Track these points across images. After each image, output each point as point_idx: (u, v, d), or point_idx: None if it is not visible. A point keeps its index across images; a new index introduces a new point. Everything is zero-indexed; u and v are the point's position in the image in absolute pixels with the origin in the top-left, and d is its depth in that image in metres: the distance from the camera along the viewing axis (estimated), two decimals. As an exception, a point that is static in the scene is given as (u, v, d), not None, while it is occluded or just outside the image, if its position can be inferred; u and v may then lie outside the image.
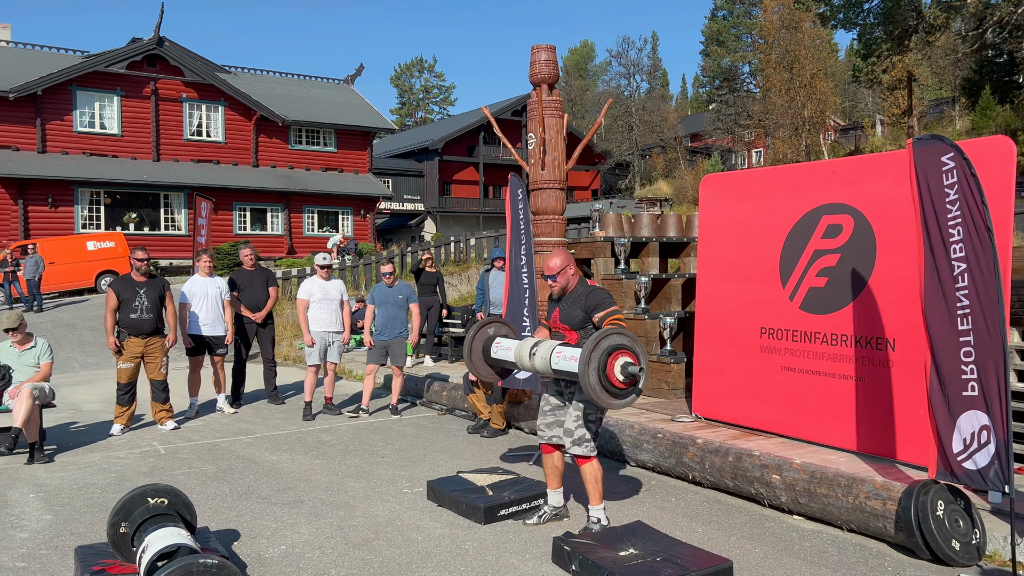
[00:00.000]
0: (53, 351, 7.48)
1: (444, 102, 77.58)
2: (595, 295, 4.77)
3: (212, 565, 3.23)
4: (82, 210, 27.18)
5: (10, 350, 7.08)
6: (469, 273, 24.06)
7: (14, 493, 5.83)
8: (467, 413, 8.52)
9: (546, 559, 4.43)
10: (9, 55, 28.35)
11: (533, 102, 9.03)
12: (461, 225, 43.76)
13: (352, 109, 33.74)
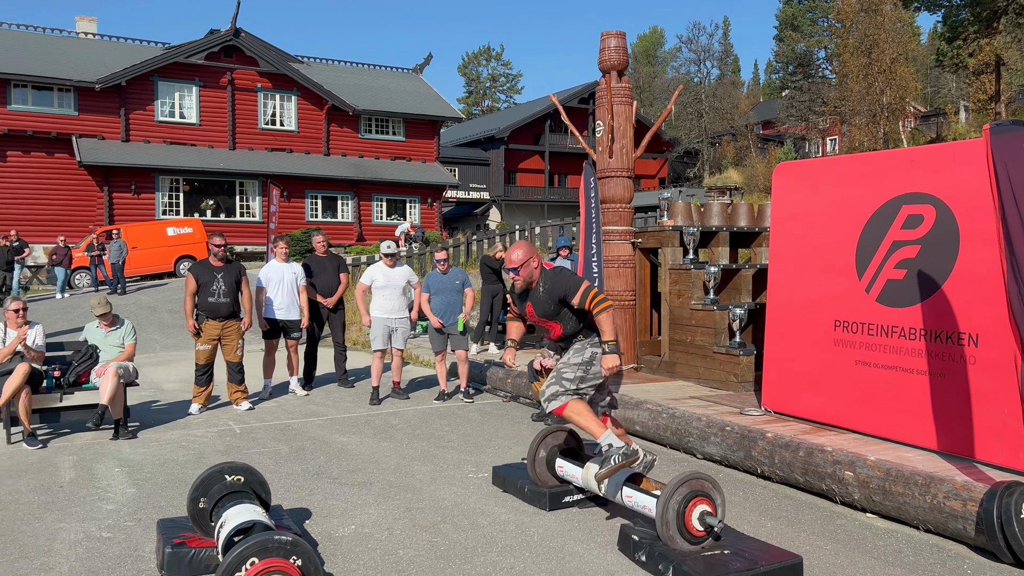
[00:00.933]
0: (137, 332, 7.80)
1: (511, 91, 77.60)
2: (560, 281, 4.65)
3: (287, 542, 3.34)
4: (162, 197, 28.21)
5: (97, 331, 7.41)
6: (534, 262, 24.02)
7: (100, 467, 6.12)
8: (531, 401, 8.55)
9: (611, 547, 4.42)
10: (96, 47, 29.54)
11: (602, 89, 8.96)
12: (526, 214, 43.80)
13: (420, 98, 34.06)
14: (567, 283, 4.59)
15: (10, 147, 26.33)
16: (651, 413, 6.83)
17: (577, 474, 4.89)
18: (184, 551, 4.03)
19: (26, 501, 5.26)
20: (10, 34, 28.43)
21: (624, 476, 4.54)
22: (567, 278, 4.61)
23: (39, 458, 6.37)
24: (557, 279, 4.63)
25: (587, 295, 4.55)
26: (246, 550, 3.26)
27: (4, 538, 4.58)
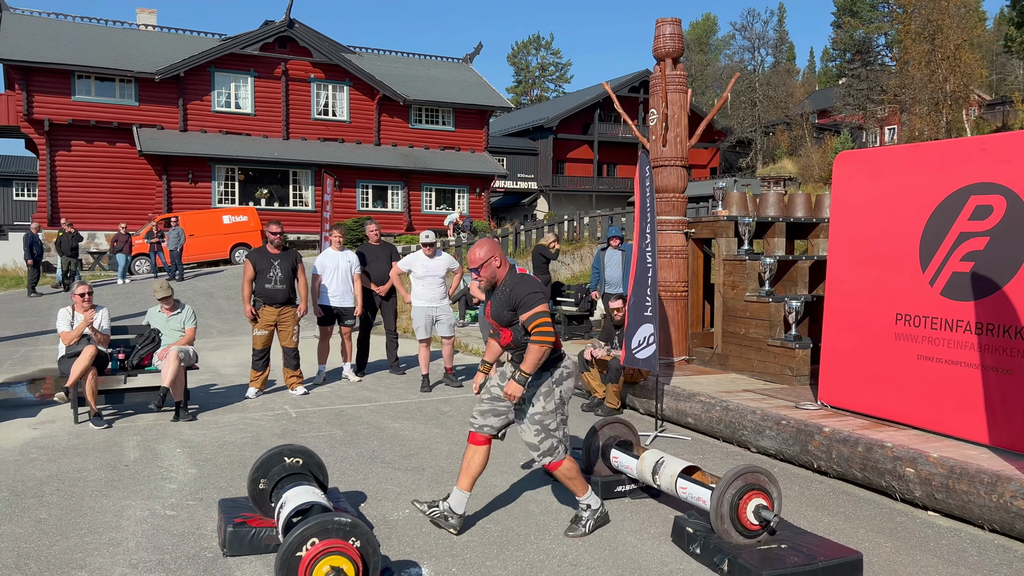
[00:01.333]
0: (197, 317, 8.00)
1: (560, 79, 77.22)
2: (519, 289, 4.22)
3: (346, 523, 3.40)
4: (218, 185, 28.82)
5: (159, 315, 7.62)
6: (582, 252, 23.99)
7: (163, 447, 6.31)
8: (581, 391, 8.53)
9: (664, 538, 4.40)
10: (155, 39, 30.25)
11: (656, 77, 8.86)
12: (574, 204, 43.62)
13: (470, 88, 34.12)
14: (525, 295, 4.18)
15: (74, 137, 27.17)
16: (704, 405, 6.76)
17: (632, 465, 4.87)
18: (245, 530, 4.14)
19: (93, 479, 5.44)
20: (75, 27, 29.27)
21: (679, 467, 4.51)
22: (528, 290, 4.20)
23: (104, 438, 6.59)
24: (519, 286, 4.24)
25: (534, 319, 4.13)
26: (307, 530, 3.32)
27: (74, 513, 4.75)
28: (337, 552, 3.31)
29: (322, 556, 3.29)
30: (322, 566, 3.28)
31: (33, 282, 18.50)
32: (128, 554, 4.15)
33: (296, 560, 3.29)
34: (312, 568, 3.27)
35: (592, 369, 7.76)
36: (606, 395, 7.58)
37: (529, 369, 4.17)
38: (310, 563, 3.27)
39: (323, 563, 3.28)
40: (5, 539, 4.33)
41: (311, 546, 3.31)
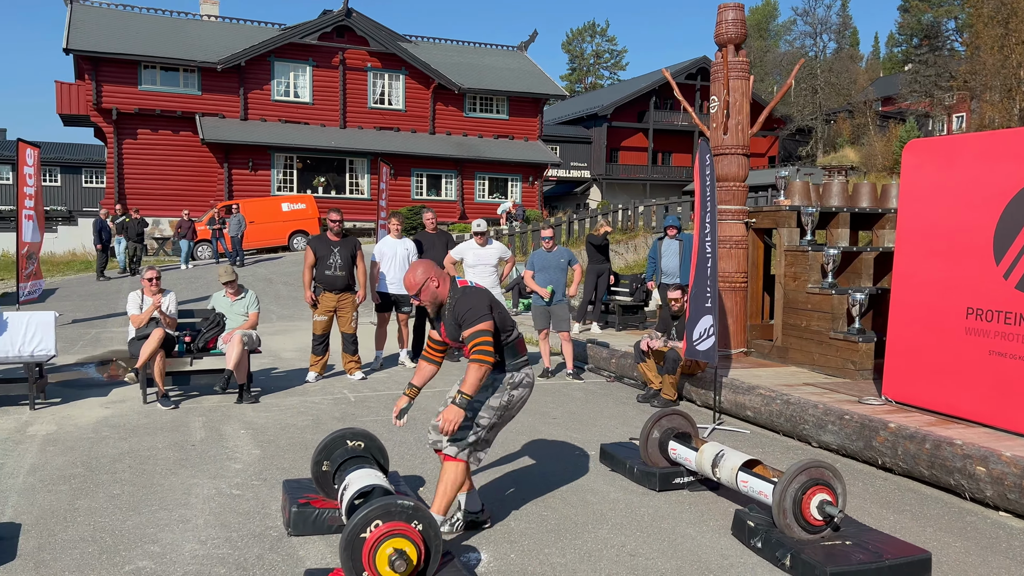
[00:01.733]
0: (260, 302, 8.19)
1: (615, 67, 76.44)
2: (460, 305, 3.99)
3: (409, 506, 3.45)
4: (277, 174, 29.37)
5: (224, 300, 7.82)
6: (636, 242, 23.80)
7: (227, 428, 6.48)
8: (636, 382, 8.49)
9: (724, 532, 4.36)
10: (217, 29, 30.90)
11: (718, 64, 8.71)
12: (627, 193, 43.24)
13: (524, 76, 34.04)
14: (464, 311, 3.96)
15: (140, 125, 27.96)
16: (763, 399, 6.66)
17: (691, 457, 4.83)
18: (309, 511, 4.23)
19: (163, 457, 5.63)
20: (141, 18, 30.07)
21: (740, 460, 4.46)
22: (467, 305, 3.96)
23: (172, 418, 6.80)
24: (459, 302, 4.01)
25: (473, 337, 3.89)
26: (371, 512, 3.38)
27: (145, 490, 4.92)
28: (400, 535, 3.37)
29: (386, 538, 3.34)
30: (386, 548, 3.34)
31: (102, 266, 19.14)
32: (197, 531, 4.28)
33: (360, 541, 3.35)
34: (376, 550, 3.33)
35: (648, 360, 7.70)
36: (662, 386, 7.52)
37: (470, 391, 3.89)
38: (374, 544, 3.33)
39: (387, 544, 3.34)
40: (82, 513, 4.51)
41: (375, 528, 3.36)
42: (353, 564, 3.34)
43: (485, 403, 4.07)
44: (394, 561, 3.31)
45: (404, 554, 3.34)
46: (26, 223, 12.35)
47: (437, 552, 3.50)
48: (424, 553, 3.42)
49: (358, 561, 3.34)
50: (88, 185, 45.66)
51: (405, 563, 3.32)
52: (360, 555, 3.34)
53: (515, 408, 4.20)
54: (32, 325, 7.41)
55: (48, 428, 6.41)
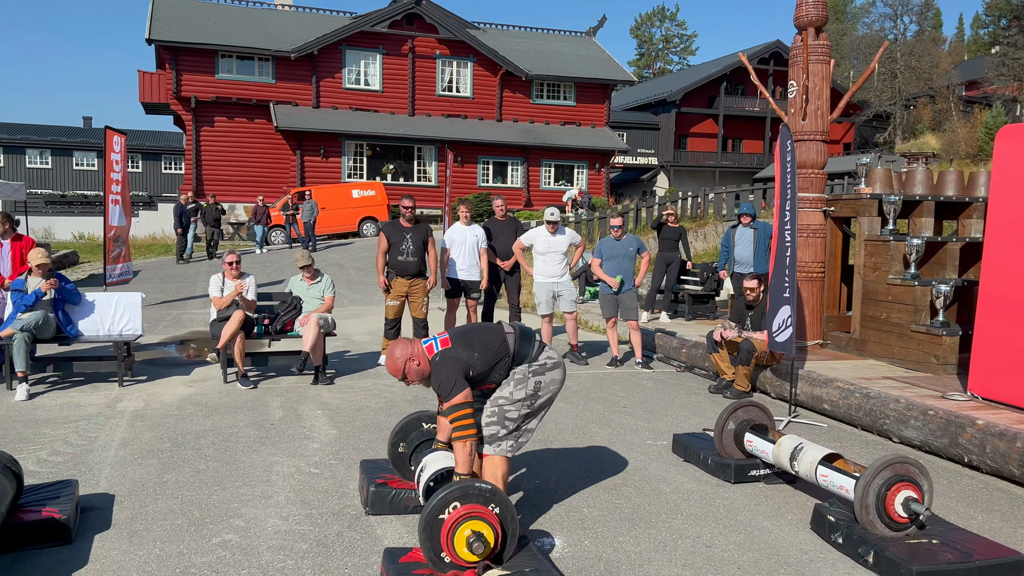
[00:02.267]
0: (335, 286, 8.37)
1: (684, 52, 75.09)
2: (434, 377, 3.86)
3: (487, 489, 3.49)
4: (348, 160, 29.87)
5: (301, 283, 8.01)
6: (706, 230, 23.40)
7: (304, 408, 6.66)
8: (707, 372, 8.38)
9: (803, 526, 4.28)
10: (290, 18, 31.51)
11: (797, 47, 8.48)
12: (695, 180, 42.53)
13: (592, 62, 33.74)
14: (438, 384, 3.83)
15: (217, 113, 28.77)
16: (842, 392, 6.49)
17: (767, 450, 4.75)
18: (386, 491, 4.32)
19: (244, 435, 5.82)
20: (219, 8, 30.88)
21: (820, 454, 4.36)
22: (438, 378, 3.82)
23: (251, 397, 7.02)
24: (434, 372, 3.87)
25: (450, 412, 3.77)
26: (449, 494, 3.43)
27: (229, 466, 5.10)
28: (477, 517, 3.41)
29: (464, 520, 3.39)
30: (464, 529, 3.38)
31: (181, 250, 19.83)
32: (279, 507, 4.42)
33: (439, 522, 3.40)
34: (454, 531, 3.38)
35: (721, 350, 7.59)
36: (735, 377, 7.40)
37: (464, 470, 3.77)
38: (452, 526, 3.38)
39: (465, 526, 3.38)
40: (170, 486, 4.70)
41: (453, 509, 3.41)
42: (432, 544, 3.40)
43: (508, 398, 3.92)
44: (472, 543, 3.36)
45: (482, 536, 3.38)
46: (113, 208, 12.86)
47: (514, 536, 3.53)
48: (501, 536, 3.46)
49: (436, 542, 3.40)
50: (167, 171, 47.29)
51: (483, 545, 3.36)
52: (439, 536, 3.39)
53: (547, 391, 4.00)
54: (120, 306, 7.74)
55: (136, 404, 6.69)
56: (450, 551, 3.39)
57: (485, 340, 3.95)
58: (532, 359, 4.00)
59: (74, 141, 45.37)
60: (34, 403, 6.66)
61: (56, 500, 4.03)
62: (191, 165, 28.53)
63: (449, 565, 3.41)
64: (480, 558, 3.39)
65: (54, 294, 7.39)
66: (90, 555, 3.76)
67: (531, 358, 4.00)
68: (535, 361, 4.00)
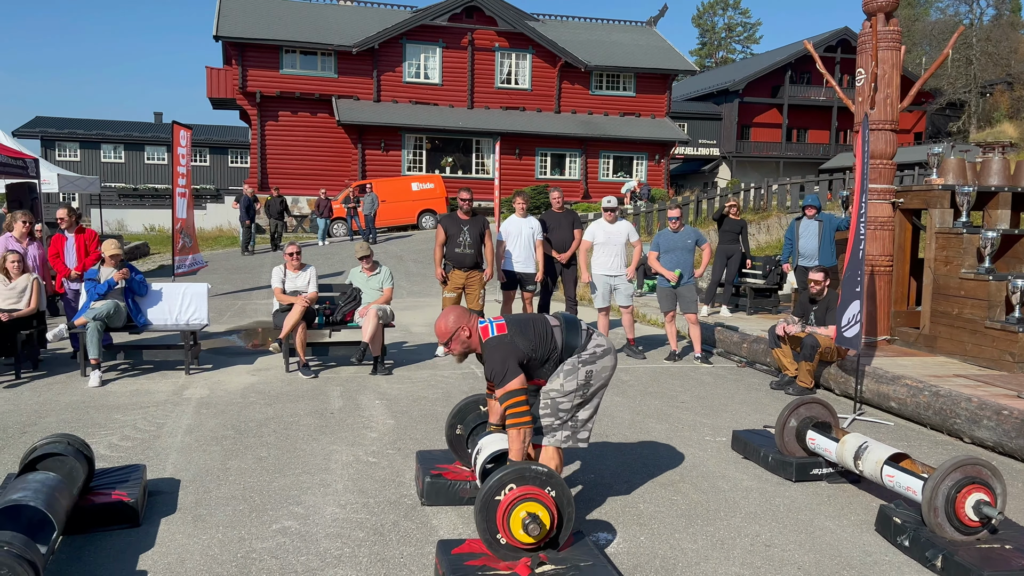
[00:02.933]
0: (394, 278, 8.46)
1: (748, 40, 73.51)
2: (488, 361, 3.81)
3: (542, 472, 3.47)
4: (408, 154, 30.16)
5: (360, 275, 8.12)
6: (769, 222, 22.95)
7: (363, 398, 6.75)
8: (769, 368, 8.20)
9: (867, 527, 4.15)
10: (352, 14, 31.92)
11: (865, 34, 8.21)
12: (759, 171, 41.67)
13: (652, 52, 33.31)
14: (492, 369, 3.79)
15: (281, 108, 29.36)
16: (910, 390, 6.28)
17: (831, 448, 4.62)
18: (442, 482, 4.34)
19: (305, 423, 5.93)
20: (283, 4, 31.48)
21: (886, 453, 4.22)
22: (493, 363, 3.78)
23: (312, 386, 7.15)
24: (487, 357, 3.83)
25: (505, 399, 3.72)
26: (506, 476, 3.42)
27: (289, 454, 5.20)
28: (533, 499, 3.39)
29: (520, 502, 3.38)
30: (519, 511, 3.38)
31: (246, 241, 20.33)
32: (337, 495, 4.49)
33: (495, 504, 3.40)
34: (510, 512, 3.38)
35: (784, 346, 7.42)
36: (798, 373, 7.23)
37: (517, 458, 3.74)
38: (508, 507, 3.38)
39: (520, 508, 3.38)
40: (233, 473, 4.82)
41: (509, 491, 3.40)
42: (487, 525, 3.41)
43: (560, 390, 3.88)
44: (528, 524, 3.35)
45: (537, 518, 3.36)
46: (180, 200, 13.25)
47: (570, 520, 3.51)
48: (557, 519, 3.44)
49: (492, 523, 3.40)
50: (234, 165, 48.53)
51: (538, 527, 3.35)
52: (495, 517, 3.40)
53: (599, 379, 3.94)
54: (187, 296, 7.97)
55: (201, 392, 6.89)
56: (506, 532, 3.39)
57: (540, 332, 3.93)
58: (581, 348, 3.95)
59: (145, 136, 46.93)
60: (106, 389, 6.92)
61: (125, 484, 4.18)
62: (256, 159, 29.20)
63: (505, 547, 3.42)
64: (535, 540, 3.38)
65: (124, 284, 7.64)
66: (156, 538, 3.88)
67: (580, 347, 3.96)
68: (584, 350, 3.95)
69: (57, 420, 5.91)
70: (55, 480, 3.64)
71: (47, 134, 44.94)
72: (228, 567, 3.59)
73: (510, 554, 3.43)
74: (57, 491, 3.57)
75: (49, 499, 3.44)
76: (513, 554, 3.43)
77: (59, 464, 3.94)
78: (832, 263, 9.64)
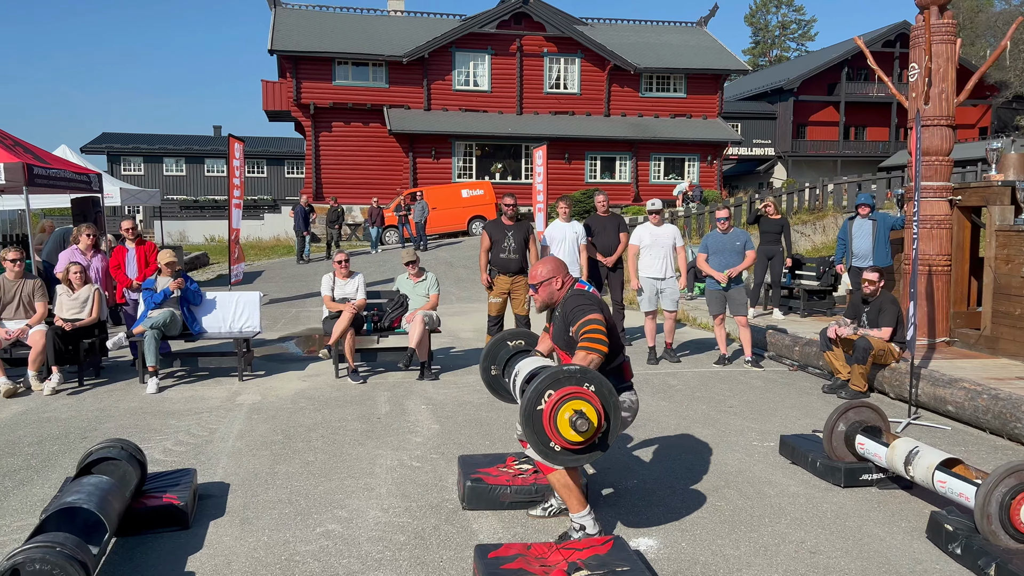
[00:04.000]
0: (440, 285, 8.54)
1: (802, 38, 72.10)
2: (569, 303, 3.82)
3: (576, 370, 3.40)
4: (457, 161, 30.40)
5: (407, 281, 8.22)
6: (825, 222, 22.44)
7: (409, 403, 6.83)
8: (821, 371, 8.02)
9: (918, 534, 4.03)
10: (403, 24, 32.36)
11: (918, 27, 7.99)
12: (815, 170, 40.79)
13: (703, 52, 32.94)
14: (573, 308, 3.78)
15: (334, 119, 29.91)
16: (968, 393, 6.06)
17: (880, 453, 4.50)
18: (482, 487, 4.37)
19: (352, 428, 6.03)
20: (335, 16, 32.10)
21: (937, 459, 4.09)
22: (576, 303, 3.78)
23: (360, 392, 7.26)
24: (569, 300, 3.85)
25: (584, 325, 3.66)
26: (541, 384, 3.37)
27: (335, 458, 5.29)
28: (574, 397, 3.35)
29: (562, 402, 3.34)
30: (564, 412, 3.34)
31: (301, 250, 20.75)
32: (380, 499, 4.55)
33: (538, 414, 3.36)
34: (555, 416, 3.34)
35: (836, 349, 7.24)
36: (851, 377, 7.05)
37: None
38: (552, 412, 3.34)
39: (564, 409, 3.34)
40: (280, 477, 4.93)
41: (548, 398, 3.36)
42: (538, 437, 3.38)
43: None
44: (575, 421, 3.31)
45: (583, 414, 3.32)
46: (235, 211, 13.60)
47: (616, 415, 3.45)
48: (603, 413, 3.40)
49: (541, 433, 3.37)
50: (290, 176, 49.58)
51: (587, 422, 3.31)
52: (541, 426, 3.36)
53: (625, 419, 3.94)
54: (240, 304, 8.17)
55: (254, 398, 7.05)
56: (557, 437, 3.35)
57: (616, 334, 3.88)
58: None
59: (205, 149, 48.29)
60: (163, 396, 7.14)
61: (176, 487, 4.31)
62: (311, 169, 29.78)
63: (562, 453, 3.39)
64: (587, 436, 3.34)
65: (180, 293, 7.88)
66: (204, 540, 3.99)
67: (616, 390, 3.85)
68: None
69: (116, 426, 6.12)
70: (108, 483, 3.78)
71: (113, 149, 46.61)
72: (272, 569, 3.67)
73: (569, 459, 3.41)
74: (110, 494, 3.70)
75: (102, 502, 3.57)
76: (572, 458, 3.41)
77: (113, 468, 4.09)
78: (887, 263, 9.38)
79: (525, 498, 4.38)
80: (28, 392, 7.24)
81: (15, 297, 7.50)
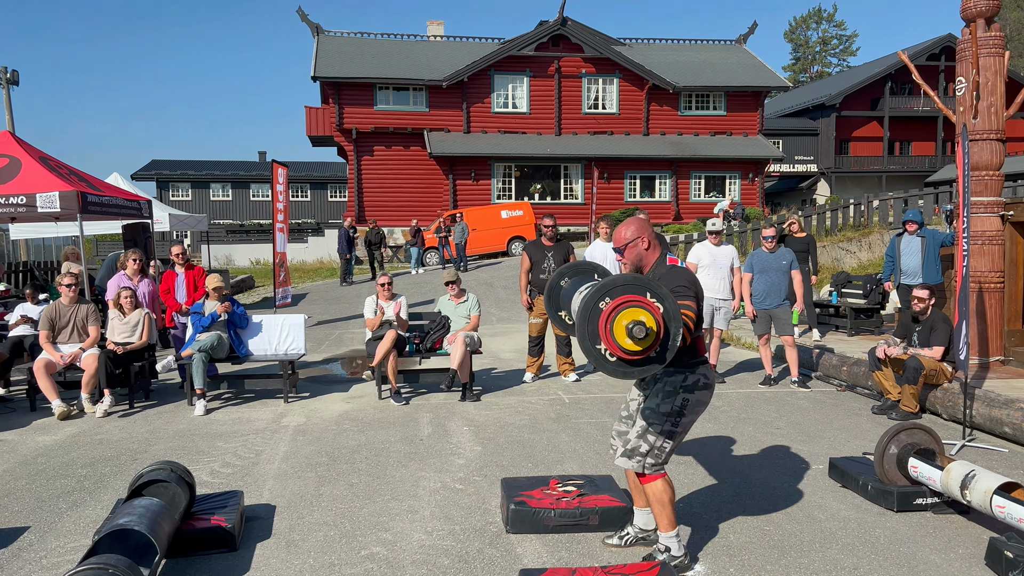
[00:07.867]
0: (480, 305, 8.56)
1: (844, 53, 71.32)
2: (668, 279, 3.64)
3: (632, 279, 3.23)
4: (497, 182, 30.58)
5: (448, 303, 8.26)
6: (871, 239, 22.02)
7: (452, 425, 6.83)
8: (871, 391, 7.84)
9: (975, 561, 3.90)
10: (442, 48, 32.79)
11: (965, 41, 7.85)
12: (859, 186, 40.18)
13: (743, 69, 32.75)
14: (672, 285, 3.61)
15: (376, 143, 30.36)
16: (1025, 414, 5.87)
17: (935, 477, 4.37)
18: (526, 510, 4.34)
19: (395, 450, 6.05)
20: (375, 43, 32.66)
21: (995, 483, 3.96)
22: (673, 283, 3.62)
23: (403, 413, 7.29)
24: (665, 278, 3.67)
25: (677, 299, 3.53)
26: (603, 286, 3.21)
27: (379, 480, 5.32)
28: (635, 305, 3.18)
29: (622, 308, 3.17)
30: (621, 320, 3.15)
31: (345, 272, 21.01)
32: (424, 522, 4.55)
33: (597, 311, 3.18)
34: (612, 323, 3.16)
35: (885, 369, 7.08)
36: (902, 397, 6.88)
37: None
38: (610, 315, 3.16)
39: (621, 317, 3.16)
40: (325, 499, 4.96)
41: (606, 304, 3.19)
42: (590, 332, 3.19)
43: (655, 410, 3.74)
44: (632, 328, 3.11)
45: (641, 322, 3.13)
46: (279, 235, 13.84)
47: (677, 330, 3.25)
48: (663, 326, 3.22)
49: (595, 331, 3.18)
50: (333, 199, 50.38)
51: (644, 329, 3.11)
52: (596, 324, 3.17)
53: (691, 412, 3.76)
54: (285, 327, 8.29)
55: (298, 420, 7.13)
56: (609, 340, 3.16)
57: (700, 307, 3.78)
58: (688, 368, 3.74)
59: (251, 174, 49.36)
60: (210, 418, 7.26)
61: (223, 509, 4.36)
62: (353, 192, 30.21)
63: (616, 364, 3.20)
64: (642, 347, 3.15)
65: (227, 316, 8.03)
66: (252, 562, 4.03)
67: (688, 365, 3.74)
68: (691, 372, 3.74)
69: (165, 448, 6.24)
70: (158, 506, 3.84)
71: (162, 176, 47.90)
72: (318, 591, 3.69)
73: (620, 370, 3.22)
74: (160, 516, 3.76)
75: (152, 524, 3.63)
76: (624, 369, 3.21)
77: (163, 490, 4.16)
78: (937, 280, 9.17)
79: (569, 521, 4.34)
80: (81, 414, 7.42)
81: (70, 321, 7.72)
